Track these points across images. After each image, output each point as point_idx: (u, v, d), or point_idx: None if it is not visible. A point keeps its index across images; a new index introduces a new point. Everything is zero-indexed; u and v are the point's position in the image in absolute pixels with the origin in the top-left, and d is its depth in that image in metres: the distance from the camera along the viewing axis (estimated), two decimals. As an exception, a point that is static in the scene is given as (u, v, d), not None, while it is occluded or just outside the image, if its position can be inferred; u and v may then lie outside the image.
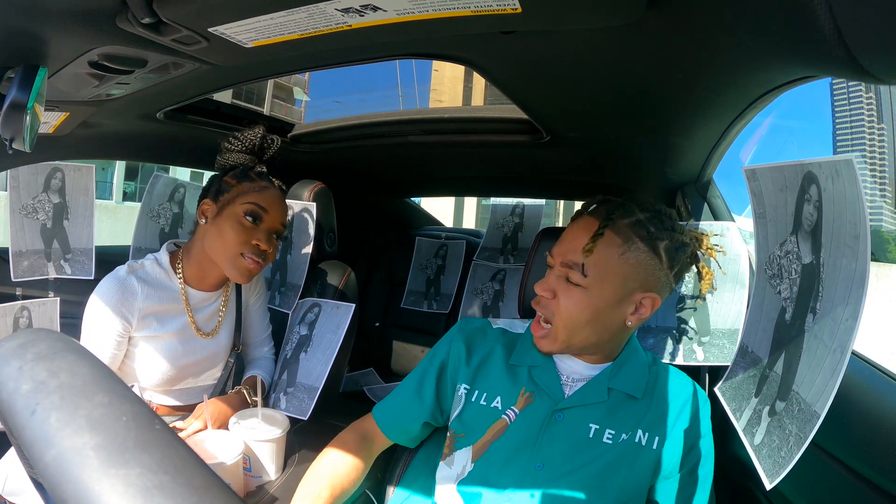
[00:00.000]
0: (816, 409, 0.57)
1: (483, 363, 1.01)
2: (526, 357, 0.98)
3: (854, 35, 0.46)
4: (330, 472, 0.95)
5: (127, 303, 1.14)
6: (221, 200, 1.19)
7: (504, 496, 0.90)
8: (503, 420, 0.94)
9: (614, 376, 0.94)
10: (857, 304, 0.53)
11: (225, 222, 1.17)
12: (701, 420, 0.93)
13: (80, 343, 1.06)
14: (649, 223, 0.87)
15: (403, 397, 1.05)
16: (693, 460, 0.91)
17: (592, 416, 0.91)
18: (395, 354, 2.38)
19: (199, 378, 1.30)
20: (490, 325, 1.07)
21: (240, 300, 1.37)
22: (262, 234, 1.19)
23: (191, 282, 1.24)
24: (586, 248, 0.86)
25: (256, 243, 1.18)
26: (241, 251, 1.17)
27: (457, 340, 1.04)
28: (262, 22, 0.66)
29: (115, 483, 0.26)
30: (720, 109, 0.94)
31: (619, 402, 0.93)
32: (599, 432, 0.90)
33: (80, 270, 1.42)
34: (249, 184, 1.20)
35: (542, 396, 0.94)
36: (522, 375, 0.97)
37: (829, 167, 0.57)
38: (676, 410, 0.93)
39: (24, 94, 0.72)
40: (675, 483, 0.91)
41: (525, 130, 1.32)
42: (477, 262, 2.20)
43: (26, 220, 1.33)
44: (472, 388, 0.99)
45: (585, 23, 0.66)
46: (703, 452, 0.92)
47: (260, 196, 1.19)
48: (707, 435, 0.93)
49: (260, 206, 1.19)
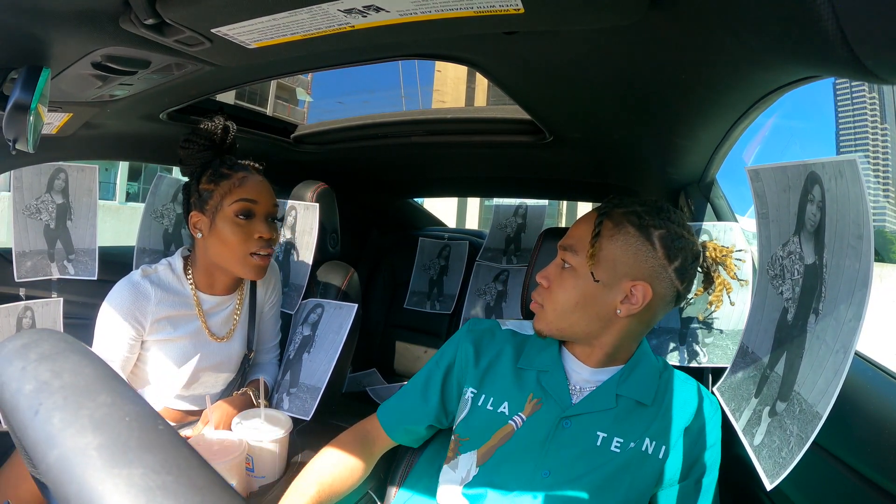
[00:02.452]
0: (818, 409, 0.56)
1: (491, 366, 1.00)
2: (535, 361, 0.97)
3: (857, 35, 0.46)
4: (320, 472, 0.96)
5: (140, 306, 1.15)
6: (209, 209, 1.18)
7: (509, 500, 0.89)
8: (510, 426, 0.93)
9: (623, 382, 0.92)
10: (860, 305, 0.53)
11: (222, 229, 1.16)
12: (708, 432, 0.92)
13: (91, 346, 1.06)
14: (643, 212, 0.88)
15: (408, 399, 1.05)
16: (697, 472, 0.91)
17: (600, 424, 0.91)
18: (398, 355, 2.38)
19: (213, 382, 1.30)
20: (499, 326, 1.07)
21: (254, 303, 1.36)
22: (261, 224, 1.19)
23: (201, 287, 1.24)
24: (582, 234, 0.91)
25: (259, 236, 1.18)
26: (248, 250, 1.17)
27: (465, 342, 1.03)
28: (265, 23, 0.66)
29: (119, 483, 0.26)
30: (723, 110, 0.94)
31: (628, 409, 0.92)
32: (607, 440, 0.89)
33: (83, 271, 1.42)
34: (227, 181, 1.18)
35: (549, 402, 0.93)
36: (530, 380, 0.96)
37: (833, 167, 0.57)
38: (684, 421, 0.92)
39: (27, 95, 0.73)
40: (677, 493, 0.90)
41: (528, 131, 1.32)
42: (480, 263, 2.20)
43: (29, 221, 1.33)
44: (479, 391, 0.98)
45: (588, 23, 0.66)
46: (707, 465, 0.91)
47: (243, 189, 1.18)
48: (714, 446, 0.92)
49: (248, 200, 1.17)
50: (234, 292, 1.30)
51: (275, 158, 1.80)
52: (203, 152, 1.23)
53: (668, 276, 0.87)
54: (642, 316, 0.89)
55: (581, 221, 0.94)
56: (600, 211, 0.91)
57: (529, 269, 1.20)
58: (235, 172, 1.19)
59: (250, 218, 1.18)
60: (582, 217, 0.95)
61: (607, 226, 0.89)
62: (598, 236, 0.88)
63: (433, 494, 0.99)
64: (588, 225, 0.91)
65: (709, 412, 0.93)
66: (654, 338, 1.19)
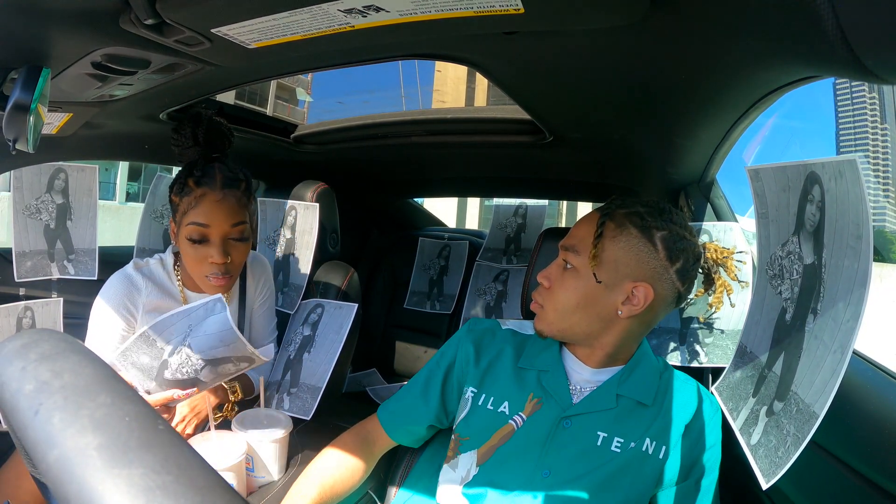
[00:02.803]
0: (815, 409, 0.56)
1: (491, 366, 1.00)
2: (535, 361, 0.97)
3: (857, 35, 0.46)
4: (321, 473, 0.96)
5: (132, 297, 1.15)
6: (176, 221, 1.14)
7: (509, 500, 0.89)
8: (510, 425, 0.94)
9: (623, 382, 0.92)
10: (858, 305, 0.53)
11: (182, 245, 1.13)
12: (708, 433, 0.92)
13: (85, 340, 1.05)
14: (646, 213, 0.88)
15: (409, 399, 1.05)
16: (697, 473, 0.91)
17: (601, 424, 0.91)
18: (398, 355, 2.38)
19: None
20: (499, 325, 1.07)
21: (244, 300, 1.36)
22: (214, 249, 1.12)
23: (188, 285, 1.24)
24: (584, 235, 0.91)
25: (212, 262, 1.12)
26: (203, 273, 1.14)
27: (465, 342, 1.04)
28: (265, 23, 0.66)
29: (119, 483, 0.26)
30: (723, 109, 0.94)
31: (629, 409, 0.92)
32: (608, 440, 0.90)
33: (83, 271, 1.43)
34: (187, 198, 1.11)
35: (549, 402, 0.93)
36: (531, 380, 0.96)
37: (832, 167, 0.57)
38: (684, 421, 0.91)
39: (27, 95, 0.73)
40: (677, 493, 0.90)
41: (528, 131, 1.32)
42: (480, 263, 2.20)
43: (30, 221, 1.33)
44: (479, 391, 0.98)
45: (588, 23, 0.66)
46: (707, 466, 0.91)
47: (197, 211, 1.10)
48: (714, 447, 0.92)
49: (198, 224, 1.10)
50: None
51: (275, 158, 1.80)
52: (187, 150, 1.19)
53: (670, 277, 0.87)
54: (643, 317, 0.89)
55: (583, 222, 0.94)
56: (603, 211, 0.91)
57: (529, 270, 1.20)
58: (197, 188, 1.11)
59: (203, 243, 1.12)
60: (583, 217, 0.95)
61: (609, 227, 0.89)
62: (600, 237, 0.88)
63: (433, 494, 0.99)
64: (590, 225, 0.91)
65: (709, 413, 0.93)
66: (655, 338, 1.19)
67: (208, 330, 1.00)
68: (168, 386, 1.04)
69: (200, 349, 1.00)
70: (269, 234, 1.67)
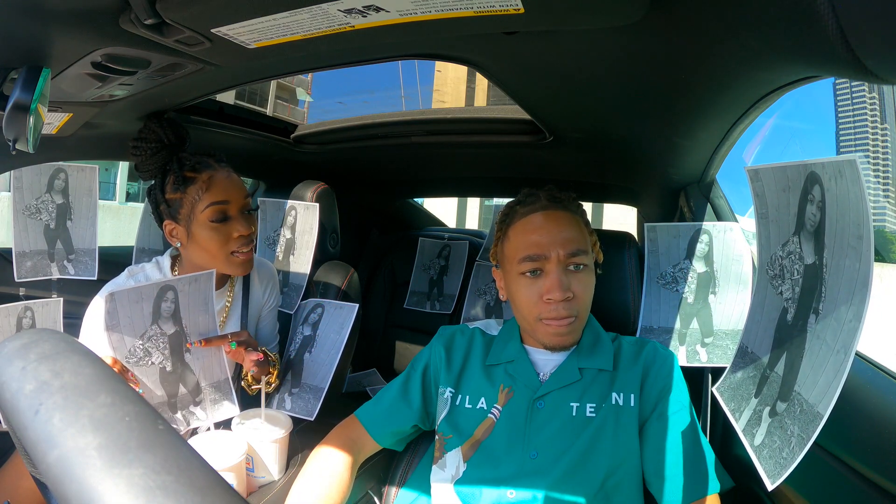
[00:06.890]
0: (819, 409, 0.56)
1: (463, 367, 1.05)
2: (501, 355, 1.03)
3: (857, 35, 0.46)
4: (314, 491, 0.94)
5: None
6: (182, 218, 1.14)
7: (504, 490, 0.91)
8: (490, 419, 0.97)
9: (582, 357, 0.99)
10: (860, 305, 0.53)
11: (199, 235, 1.14)
12: (663, 368, 0.98)
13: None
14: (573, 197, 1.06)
15: (390, 403, 1.07)
16: (663, 406, 0.95)
17: (571, 396, 0.95)
18: (398, 355, 2.37)
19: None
20: (466, 327, 1.13)
21: (247, 297, 1.35)
22: (237, 222, 1.15)
23: None
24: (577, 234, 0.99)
25: (238, 235, 1.15)
26: (229, 251, 1.15)
27: (437, 345, 1.09)
28: (265, 23, 0.66)
29: (119, 483, 0.26)
30: (723, 110, 0.94)
31: (592, 377, 0.97)
32: (581, 409, 0.94)
33: (83, 271, 1.42)
34: (194, 186, 1.13)
35: (520, 389, 0.98)
36: (499, 373, 1.01)
37: (833, 167, 0.57)
38: (641, 367, 0.98)
39: (27, 95, 0.73)
40: (651, 427, 0.94)
41: (528, 131, 1.32)
42: (480, 263, 2.19)
43: (29, 221, 1.33)
44: (456, 391, 1.02)
45: (588, 23, 0.66)
46: (672, 398, 0.95)
47: (211, 192, 1.13)
48: (669, 376, 0.97)
49: (218, 202, 1.13)
50: (223, 287, 1.30)
51: (275, 158, 1.80)
52: (156, 155, 1.17)
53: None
54: None
55: (564, 224, 0.99)
56: (571, 209, 1.03)
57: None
58: (200, 174, 1.14)
59: (226, 220, 1.14)
60: (560, 221, 0.99)
61: (584, 218, 1.04)
62: (590, 230, 1.03)
63: (431, 494, 0.99)
64: (575, 225, 0.99)
65: (662, 355, 1.00)
66: (655, 338, 1.19)
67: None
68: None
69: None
70: (270, 234, 1.67)
